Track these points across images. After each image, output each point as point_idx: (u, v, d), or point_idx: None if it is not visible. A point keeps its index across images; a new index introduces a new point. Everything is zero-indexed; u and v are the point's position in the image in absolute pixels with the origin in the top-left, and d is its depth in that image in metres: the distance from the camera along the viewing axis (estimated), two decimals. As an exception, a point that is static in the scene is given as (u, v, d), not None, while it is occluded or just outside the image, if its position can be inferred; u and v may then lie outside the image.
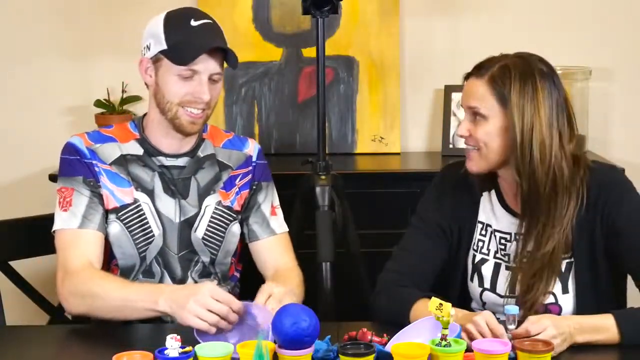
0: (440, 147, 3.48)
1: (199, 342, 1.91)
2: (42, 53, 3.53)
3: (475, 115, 2.17)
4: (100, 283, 2.19)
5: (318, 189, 2.80)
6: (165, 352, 1.82)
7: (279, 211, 2.48)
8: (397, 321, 2.07)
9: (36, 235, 2.60)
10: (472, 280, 2.29)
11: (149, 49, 2.30)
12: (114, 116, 3.43)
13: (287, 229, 2.48)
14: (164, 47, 2.26)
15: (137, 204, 2.32)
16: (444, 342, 1.83)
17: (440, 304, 1.85)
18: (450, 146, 3.45)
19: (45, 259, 2.63)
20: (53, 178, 3.19)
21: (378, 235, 3.09)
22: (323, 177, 2.83)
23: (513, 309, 1.94)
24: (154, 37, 2.28)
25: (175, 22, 2.28)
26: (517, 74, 2.13)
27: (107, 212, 2.32)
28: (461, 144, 3.38)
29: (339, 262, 2.73)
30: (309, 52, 3.42)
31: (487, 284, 2.26)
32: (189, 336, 1.97)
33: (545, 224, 2.16)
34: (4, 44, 3.53)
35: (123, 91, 3.45)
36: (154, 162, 2.35)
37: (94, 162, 2.33)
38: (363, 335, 1.97)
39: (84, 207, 2.29)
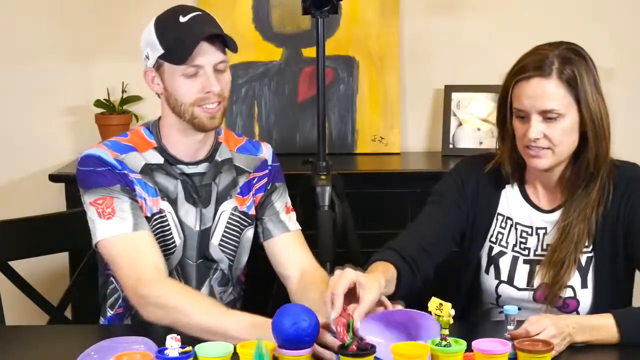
0: (440, 147, 3.48)
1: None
2: (42, 53, 3.53)
3: (547, 115, 2.14)
4: (189, 302, 2.10)
5: (318, 189, 2.80)
6: (165, 352, 1.82)
7: (292, 211, 2.45)
8: None
9: (36, 235, 2.60)
10: (487, 272, 2.29)
11: (148, 58, 2.27)
12: (114, 116, 3.44)
13: (300, 228, 2.44)
14: (161, 51, 2.23)
15: (162, 214, 2.29)
16: (444, 342, 1.83)
17: (440, 304, 1.84)
18: (451, 146, 3.46)
19: (45, 259, 2.64)
20: (53, 178, 3.19)
21: (378, 235, 3.08)
22: (323, 177, 2.83)
23: (512, 309, 1.94)
24: (150, 45, 2.25)
25: (165, 23, 2.25)
26: (580, 64, 2.15)
27: None
28: (463, 144, 3.42)
29: (339, 262, 2.72)
30: (309, 52, 3.42)
31: (504, 277, 2.26)
32: (189, 336, 1.96)
33: (578, 214, 2.18)
34: (4, 44, 3.54)
35: (123, 91, 3.45)
36: (175, 170, 2.31)
37: (125, 172, 2.27)
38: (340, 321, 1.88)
39: (130, 210, 2.22)
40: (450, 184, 2.33)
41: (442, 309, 1.84)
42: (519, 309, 1.99)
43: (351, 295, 1.92)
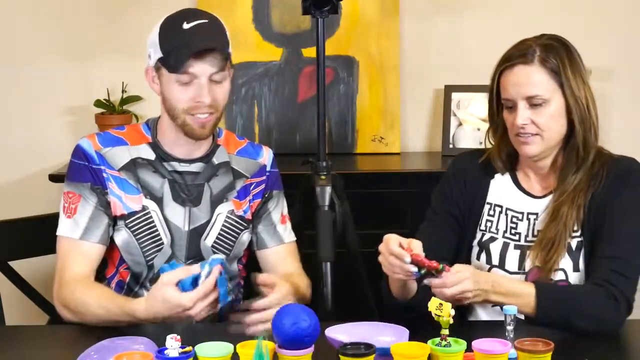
0: (440, 147, 3.48)
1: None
2: (42, 53, 3.53)
3: (532, 101, 2.18)
4: (86, 293, 2.20)
5: (318, 189, 2.80)
6: (165, 352, 1.82)
7: (288, 220, 2.46)
8: (391, 301, 2.16)
9: (36, 235, 2.60)
10: (478, 258, 2.30)
11: (150, 57, 2.27)
12: (114, 116, 3.44)
13: (295, 238, 2.46)
14: (160, 54, 2.23)
15: (145, 212, 2.30)
16: (444, 342, 1.83)
17: (440, 304, 1.84)
18: (450, 146, 3.46)
19: (45, 259, 2.63)
20: (53, 178, 3.19)
21: (378, 235, 3.08)
22: (323, 177, 2.82)
23: (512, 309, 1.94)
24: (153, 45, 2.25)
25: (169, 27, 2.24)
26: (562, 52, 2.20)
27: (115, 219, 2.29)
28: (463, 144, 3.41)
29: (339, 262, 2.73)
30: (309, 52, 3.42)
31: (495, 261, 2.28)
32: (189, 336, 1.97)
33: (567, 196, 2.21)
34: (4, 45, 3.53)
35: (123, 91, 3.45)
36: (166, 168, 2.32)
37: (102, 167, 2.29)
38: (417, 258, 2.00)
39: (87, 217, 2.27)
40: (440, 198, 2.36)
41: (442, 309, 1.84)
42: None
43: None
